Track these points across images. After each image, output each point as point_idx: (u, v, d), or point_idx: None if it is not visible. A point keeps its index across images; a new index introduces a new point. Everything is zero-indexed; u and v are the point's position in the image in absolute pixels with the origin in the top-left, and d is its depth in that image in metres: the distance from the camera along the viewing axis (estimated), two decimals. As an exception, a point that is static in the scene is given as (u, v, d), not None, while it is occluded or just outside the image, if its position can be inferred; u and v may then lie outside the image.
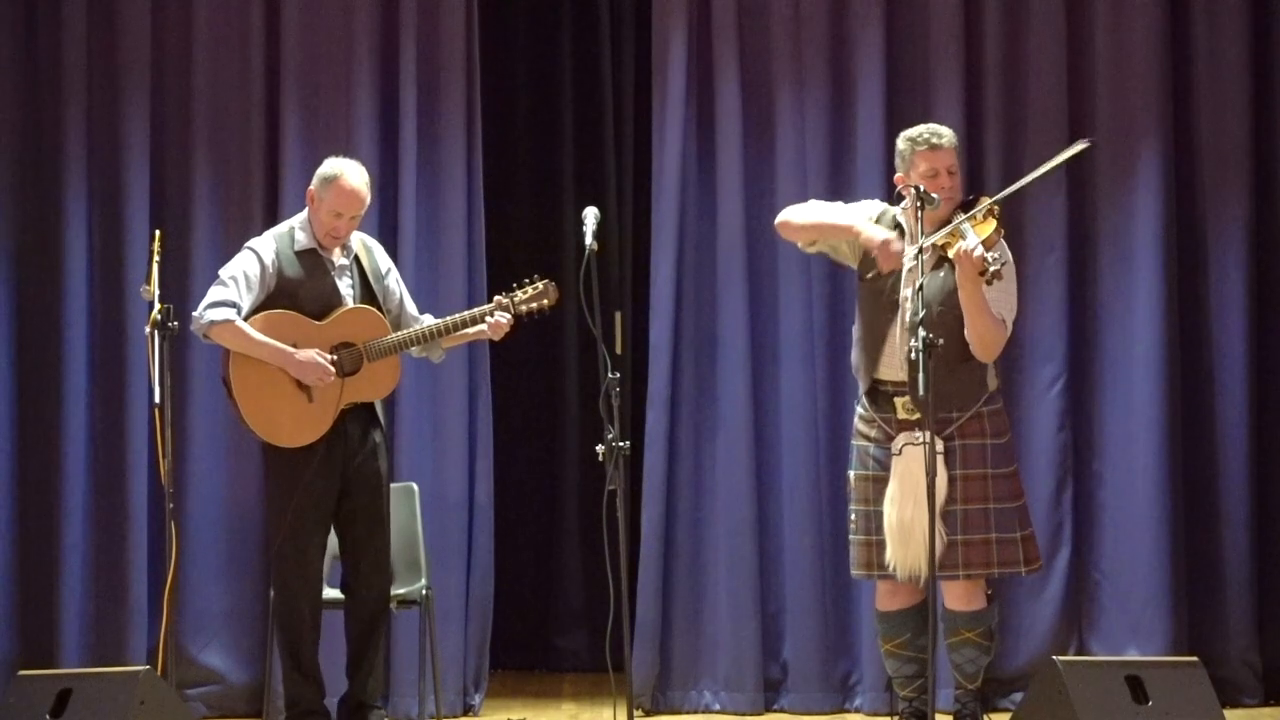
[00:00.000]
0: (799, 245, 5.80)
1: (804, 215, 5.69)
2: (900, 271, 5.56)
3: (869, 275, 5.64)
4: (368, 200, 5.85)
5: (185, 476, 6.57)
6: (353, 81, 6.66)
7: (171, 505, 5.63)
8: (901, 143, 5.70)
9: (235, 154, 6.70)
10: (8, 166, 6.68)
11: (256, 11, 6.70)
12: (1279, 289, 6.70)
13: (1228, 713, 5.43)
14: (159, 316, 5.51)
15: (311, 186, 5.82)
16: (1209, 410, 6.64)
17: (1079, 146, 5.61)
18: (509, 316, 5.86)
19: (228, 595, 6.62)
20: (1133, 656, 6.31)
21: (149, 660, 6.21)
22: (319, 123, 6.67)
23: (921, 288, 5.26)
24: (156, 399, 5.49)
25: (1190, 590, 6.58)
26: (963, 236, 5.43)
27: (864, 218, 5.63)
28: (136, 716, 5.11)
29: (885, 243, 5.49)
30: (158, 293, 5.58)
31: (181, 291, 6.45)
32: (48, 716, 5.18)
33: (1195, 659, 5.46)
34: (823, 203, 5.76)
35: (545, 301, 5.90)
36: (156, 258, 5.67)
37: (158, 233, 5.79)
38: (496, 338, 5.92)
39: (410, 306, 5.99)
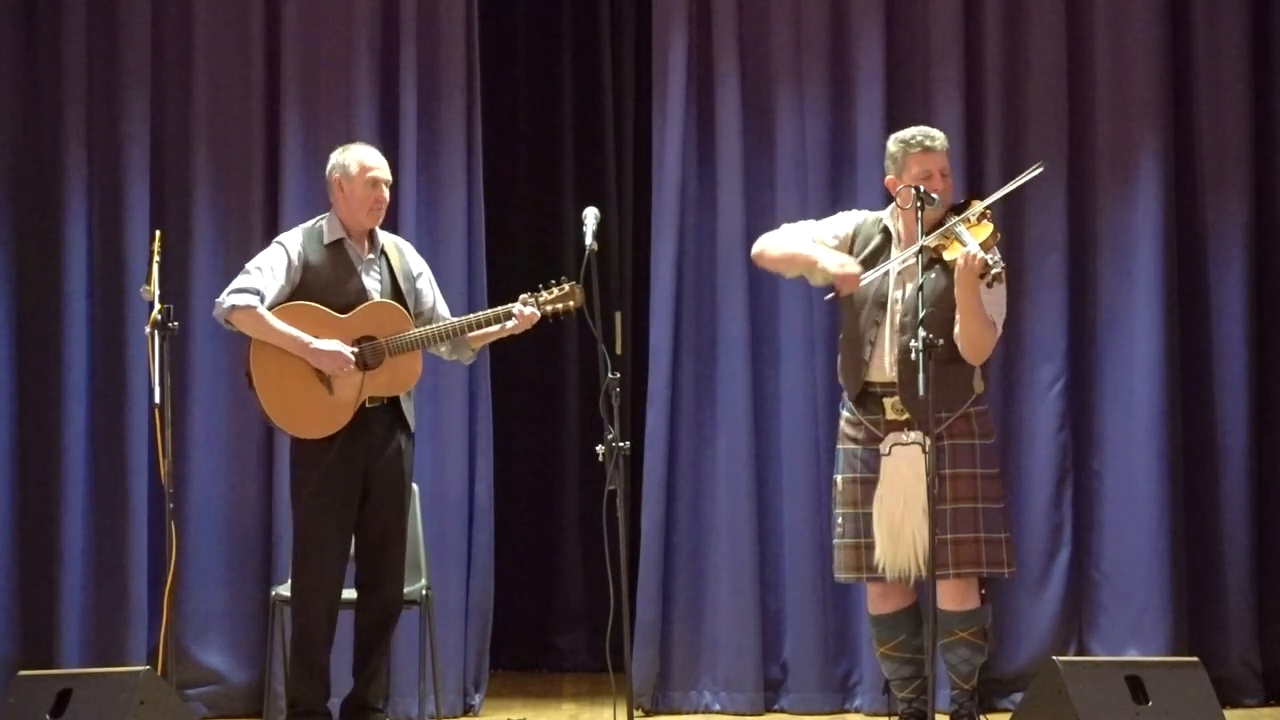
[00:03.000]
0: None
1: (775, 246, 5.72)
2: (889, 274, 5.58)
3: (827, 297, 5.73)
4: (387, 165, 5.91)
5: (185, 476, 6.57)
6: (353, 82, 6.67)
7: (171, 505, 5.63)
8: (893, 145, 5.71)
9: (235, 154, 6.70)
10: (8, 166, 6.68)
11: (256, 11, 6.70)
12: (1279, 289, 6.70)
13: (1228, 713, 5.43)
14: (159, 316, 5.51)
15: (334, 177, 5.84)
16: (1209, 410, 6.64)
17: (1035, 171, 5.66)
18: (534, 310, 5.86)
19: (228, 595, 6.62)
20: (1133, 656, 6.31)
21: (149, 660, 6.21)
22: (319, 123, 6.67)
23: (923, 287, 5.27)
24: (156, 399, 5.49)
25: (1190, 590, 6.58)
26: (960, 240, 5.44)
27: (831, 236, 5.69)
28: (136, 716, 5.11)
29: (841, 271, 5.54)
30: (158, 293, 5.58)
31: (181, 291, 6.46)
32: (48, 716, 5.17)
33: (1195, 659, 5.46)
34: (793, 230, 5.77)
35: (570, 303, 5.87)
36: (156, 258, 5.67)
37: (158, 233, 5.79)
38: (521, 330, 5.88)
39: (443, 310, 5.98)
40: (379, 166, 5.87)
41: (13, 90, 6.70)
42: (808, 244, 5.68)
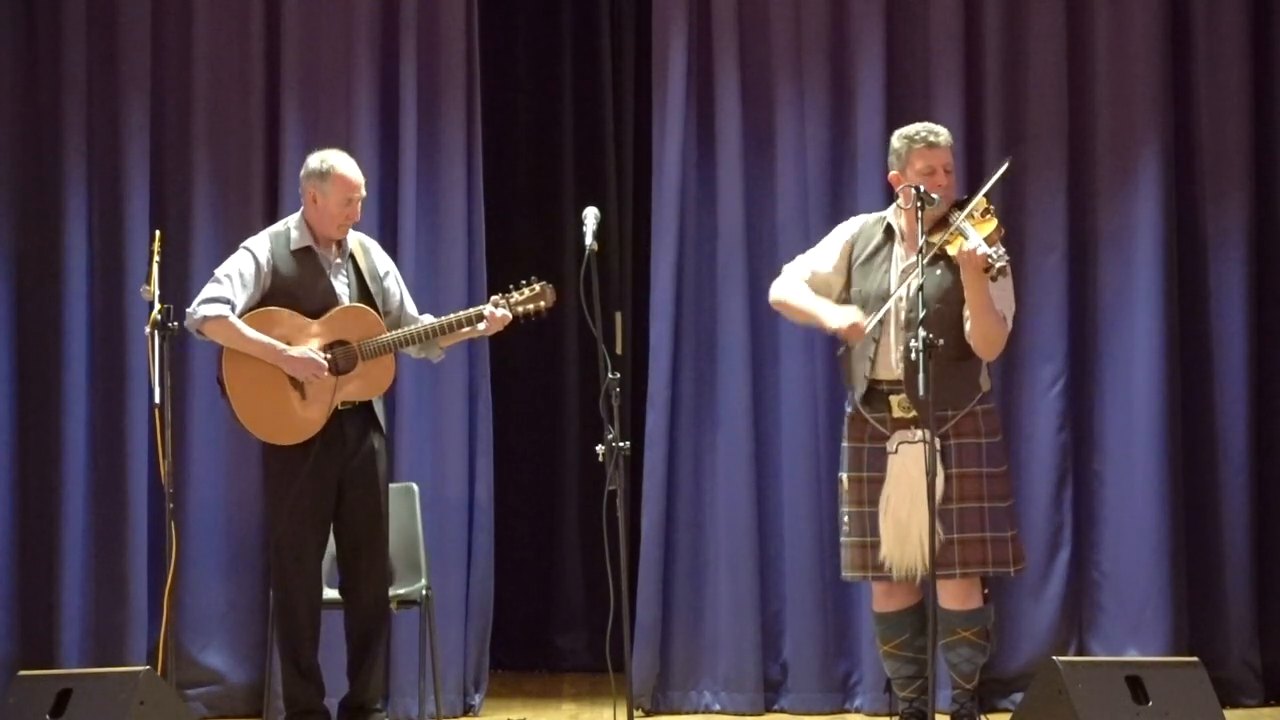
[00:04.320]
0: None
1: (785, 300, 5.74)
2: (891, 274, 5.59)
3: (839, 353, 5.74)
4: (364, 179, 5.90)
5: (185, 476, 6.57)
6: (353, 82, 6.66)
7: (171, 505, 5.62)
8: (897, 141, 5.70)
9: (235, 154, 6.70)
10: (8, 166, 6.68)
11: (256, 11, 6.70)
12: (1279, 289, 6.70)
13: (1228, 713, 5.43)
14: (159, 316, 5.51)
15: (307, 185, 5.83)
16: (1209, 410, 6.63)
17: (1006, 165, 5.66)
18: (505, 311, 5.86)
19: (228, 595, 6.62)
20: (1133, 656, 6.31)
21: (149, 660, 6.21)
22: (319, 123, 6.67)
23: (923, 287, 5.26)
24: (156, 399, 5.49)
25: (1190, 590, 6.58)
26: (963, 235, 5.44)
27: (829, 266, 5.70)
28: (136, 716, 5.11)
29: (844, 326, 5.53)
30: (158, 293, 5.58)
31: (181, 291, 6.44)
32: (48, 716, 5.17)
33: (1195, 659, 5.46)
34: (793, 270, 5.77)
35: (542, 303, 5.89)
36: (156, 258, 5.67)
37: (158, 233, 5.79)
38: (492, 331, 5.90)
39: (410, 307, 5.99)
40: (358, 187, 5.83)
41: (13, 91, 6.70)
42: (810, 300, 5.68)
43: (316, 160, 5.86)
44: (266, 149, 6.68)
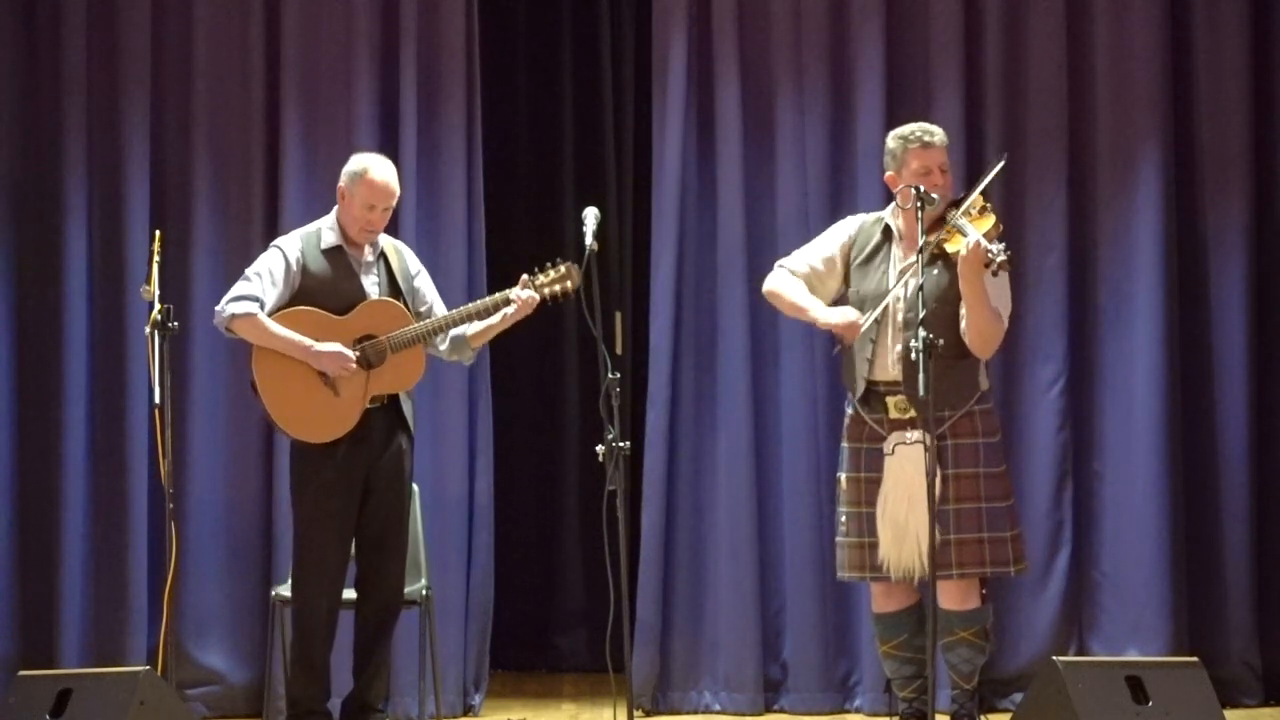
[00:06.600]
0: None
1: (778, 291, 5.75)
2: (889, 274, 5.59)
3: (835, 351, 5.76)
4: (397, 191, 5.86)
5: (185, 476, 6.57)
6: (353, 81, 6.67)
7: (171, 505, 5.63)
8: (892, 141, 5.71)
9: (235, 154, 6.71)
10: (8, 166, 6.68)
11: (256, 11, 6.70)
12: (1279, 290, 6.70)
13: (1228, 713, 5.43)
14: (159, 316, 5.52)
15: (341, 183, 5.83)
16: (1209, 410, 6.64)
17: (1001, 163, 5.67)
18: (532, 293, 5.85)
19: (228, 595, 6.62)
20: (1133, 656, 6.31)
21: (149, 660, 6.21)
22: (319, 123, 6.67)
23: (922, 286, 5.27)
24: (156, 399, 5.49)
25: (1190, 590, 6.58)
26: (962, 233, 5.45)
27: (822, 262, 5.73)
28: (136, 716, 5.12)
29: (841, 323, 5.56)
30: (158, 293, 5.59)
31: (181, 292, 6.46)
32: (48, 716, 5.18)
33: (1195, 659, 5.47)
34: (790, 265, 5.78)
35: (569, 284, 5.87)
36: (156, 258, 5.67)
37: (158, 233, 5.80)
38: (521, 315, 5.87)
39: (441, 309, 5.98)
40: (385, 197, 5.80)
41: (13, 90, 6.70)
42: (804, 297, 5.70)
43: (355, 161, 5.85)
44: (266, 149, 6.69)
